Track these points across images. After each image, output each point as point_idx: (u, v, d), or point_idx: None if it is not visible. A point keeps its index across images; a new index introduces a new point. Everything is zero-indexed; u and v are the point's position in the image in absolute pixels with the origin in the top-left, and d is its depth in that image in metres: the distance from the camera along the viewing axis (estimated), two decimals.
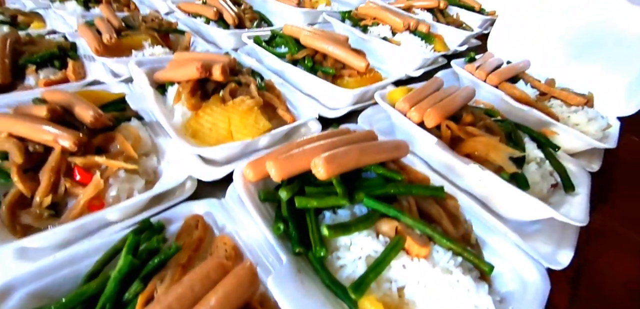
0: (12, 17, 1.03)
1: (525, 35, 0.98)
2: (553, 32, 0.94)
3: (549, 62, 0.94)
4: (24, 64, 0.74)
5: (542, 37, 0.95)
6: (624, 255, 0.70)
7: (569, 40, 0.92)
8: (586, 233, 0.69)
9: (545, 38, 0.95)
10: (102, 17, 0.87)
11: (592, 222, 0.71)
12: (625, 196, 0.85)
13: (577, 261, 0.62)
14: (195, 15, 0.99)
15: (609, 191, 0.83)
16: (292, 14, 1.07)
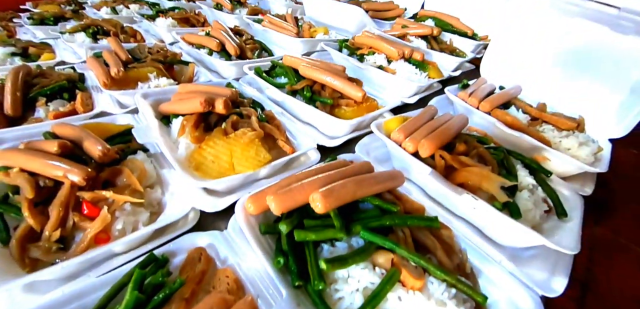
0: (23, 48, 1.07)
1: (516, 60, 1.01)
2: (543, 57, 0.97)
3: (540, 86, 0.97)
4: (34, 96, 0.78)
5: (533, 62, 0.98)
6: (630, 269, 0.71)
7: (559, 64, 0.95)
8: (589, 250, 0.71)
9: (536, 63, 0.98)
10: (110, 50, 0.90)
11: (596, 238, 0.73)
12: (627, 210, 0.87)
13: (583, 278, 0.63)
14: (198, 46, 1.02)
15: (610, 206, 0.84)
16: (291, 44, 1.11)
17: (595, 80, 0.91)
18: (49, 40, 1.21)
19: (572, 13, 0.89)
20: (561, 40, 0.95)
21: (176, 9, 1.36)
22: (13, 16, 1.58)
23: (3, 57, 1.02)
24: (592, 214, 0.80)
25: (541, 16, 0.95)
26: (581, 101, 0.92)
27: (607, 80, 0.90)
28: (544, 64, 0.98)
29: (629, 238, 0.78)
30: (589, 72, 0.92)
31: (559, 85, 0.95)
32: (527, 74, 0.99)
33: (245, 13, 1.38)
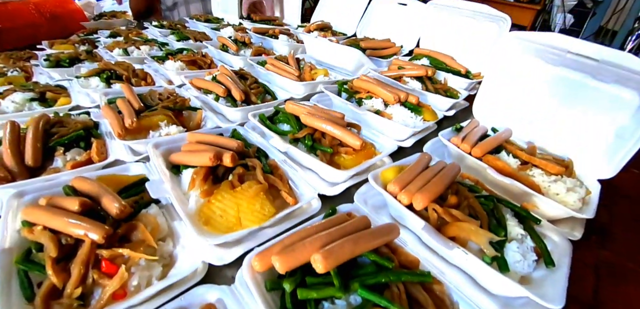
0: (41, 93, 1.13)
1: (506, 101, 1.06)
2: (531, 99, 1.02)
3: (530, 126, 1.02)
4: (53, 146, 0.83)
5: (522, 103, 1.03)
6: (637, 291, 0.74)
7: (547, 106, 1.00)
8: (595, 273, 0.74)
9: (525, 104, 1.03)
10: (124, 99, 0.96)
11: (601, 261, 0.76)
12: (631, 231, 0.90)
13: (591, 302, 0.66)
14: (206, 91, 1.08)
15: (614, 228, 0.88)
16: (293, 86, 1.16)
17: (581, 123, 0.95)
18: (64, 82, 1.28)
19: (556, 62, 0.95)
20: (548, 85, 1.00)
21: (184, 50, 1.43)
22: (29, 56, 1.66)
23: (22, 102, 1.07)
24: (595, 237, 0.84)
25: (527, 62, 1.01)
26: (570, 141, 0.96)
27: (593, 124, 0.94)
28: (533, 106, 1.02)
29: (634, 260, 0.81)
30: (576, 116, 0.96)
31: (548, 126, 1.00)
32: (517, 114, 1.04)
33: (249, 54, 1.44)
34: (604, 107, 0.92)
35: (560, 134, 0.98)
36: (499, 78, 1.08)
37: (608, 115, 0.91)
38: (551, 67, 0.96)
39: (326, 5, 2.05)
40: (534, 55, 0.98)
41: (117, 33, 1.86)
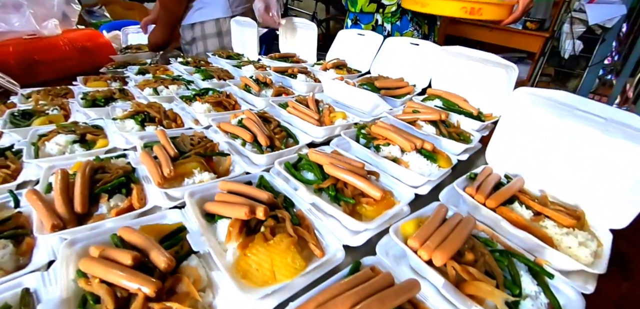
0: (81, 134, 1.23)
1: (519, 149, 1.11)
2: (544, 148, 1.06)
3: (542, 174, 1.06)
4: (98, 193, 0.91)
5: (535, 151, 1.08)
6: None
7: (559, 157, 1.04)
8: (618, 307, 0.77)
9: (538, 152, 1.07)
10: (160, 145, 1.04)
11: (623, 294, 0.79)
12: None
13: None
14: (233, 136, 1.16)
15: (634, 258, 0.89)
16: (313, 130, 1.23)
17: (593, 173, 0.99)
18: (100, 121, 1.38)
19: (564, 116, 1.00)
20: (558, 136, 1.04)
21: (210, 90, 1.52)
22: (66, 92, 1.78)
23: (65, 144, 1.17)
24: (616, 268, 0.86)
25: (537, 113, 1.06)
26: (582, 190, 1.00)
27: (604, 175, 0.97)
28: (545, 154, 1.06)
29: None
30: (587, 166, 1.00)
31: (560, 174, 1.04)
32: (529, 161, 1.08)
33: (271, 94, 1.53)
34: (615, 160, 0.96)
35: (573, 182, 1.01)
36: (511, 127, 1.13)
37: (619, 168, 0.95)
38: (561, 120, 1.01)
39: (341, 42, 2.14)
40: (544, 108, 1.03)
41: (146, 70, 1.98)
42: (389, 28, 2.39)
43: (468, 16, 1.74)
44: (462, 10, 1.71)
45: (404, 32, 2.39)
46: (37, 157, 1.11)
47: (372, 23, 2.40)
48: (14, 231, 0.84)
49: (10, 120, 1.41)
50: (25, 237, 0.83)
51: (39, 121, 1.37)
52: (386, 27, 2.39)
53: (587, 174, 1.00)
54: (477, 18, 1.75)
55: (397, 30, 2.39)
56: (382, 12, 2.35)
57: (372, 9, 2.34)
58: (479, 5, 1.70)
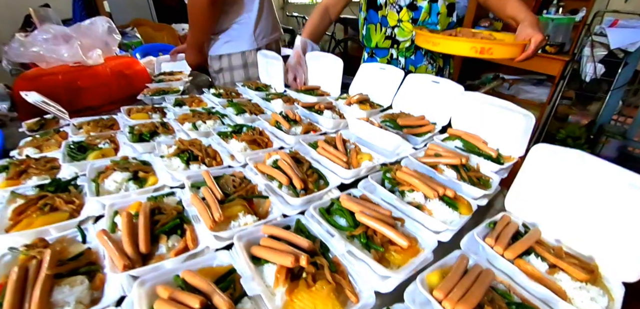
0: (134, 172, 1.37)
1: (536, 198, 1.18)
2: (560, 197, 1.13)
3: (558, 223, 1.13)
4: (158, 234, 1.04)
5: (551, 201, 1.15)
6: None
7: (575, 205, 1.10)
8: None
9: (554, 202, 1.15)
10: (207, 188, 1.17)
11: None
12: None
13: None
14: (270, 177, 1.28)
15: None
16: (342, 172, 1.34)
17: (608, 225, 1.06)
18: (146, 155, 1.53)
19: (580, 171, 1.08)
20: (574, 188, 1.11)
21: (244, 127, 1.66)
22: (112, 123, 1.96)
23: (121, 181, 1.31)
24: None
25: (554, 166, 1.14)
26: (597, 241, 1.06)
27: (619, 226, 1.04)
28: (561, 205, 1.13)
29: None
30: (602, 217, 1.06)
31: (576, 224, 1.10)
32: (546, 211, 1.15)
33: (300, 131, 1.65)
34: (629, 213, 1.02)
35: (588, 233, 1.08)
36: (529, 178, 1.20)
37: (633, 219, 1.01)
38: (576, 175, 1.08)
39: (363, 76, 2.25)
40: (560, 161, 1.11)
41: (182, 102, 2.15)
42: (404, 62, 2.50)
43: (478, 55, 1.83)
44: (472, 50, 1.80)
45: (418, 66, 2.50)
46: (98, 194, 1.25)
47: (387, 57, 2.52)
48: (87, 267, 0.97)
49: (67, 152, 1.57)
50: (96, 273, 0.97)
51: (93, 155, 1.53)
52: (400, 60, 2.50)
53: (602, 225, 1.06)
54: (487, 57, 1.84)
55: (411, 64, 2.50)
56: (396, 47, 2.46)
57: (387, 45, 2.46)
58: (489, 45, 1.79)
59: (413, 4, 2.27)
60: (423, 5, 2.26)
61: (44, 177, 1.43)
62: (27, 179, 1.42)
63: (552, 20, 4.99)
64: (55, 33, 2.67)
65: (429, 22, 2.32)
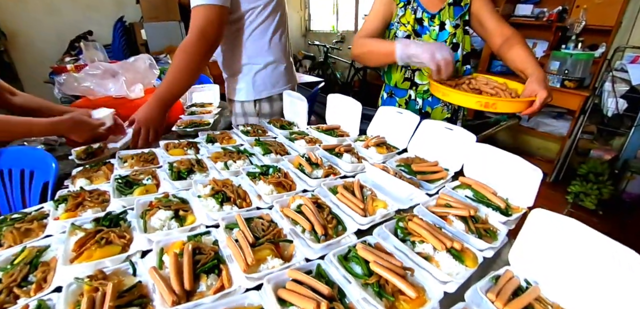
0: (175, 210, 1.56)
1: (538, 257, 1.27)
2: (562, 260, 1.22)
3: (558, 285, 1.21)
4: (199, 273, 1.20)
5: (552, 262, 1.24)
6: None
7: (576, 270, 1.19)
8: None
9: (554, 263, 1.24)
10: (240, 232, 1.34)
11: None
12: None
13: None
14: (294, 222, 1.43)
15: None
16: (358, 219, 1.48)
17: (607, 296, 1.12)
18: (184, 193, 1.72)
19: (582, 242, 1.17)
20: (576, 255, 1.19)
21: (271, 168, 1.83)
22: (152, 157, 2.18)
23: (165, 219, 1.50)
24: None
25: (558, 232, 1.23)
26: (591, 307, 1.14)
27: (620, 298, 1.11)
28: (562, 267, 1.21)
29: None
30: (601, 287, 1.12)
31: (575, 289, 1.18)
32: (548, 271, 1.24)
33: (321, 175, 1.80)
34: (629, 286, 1.09)
35: (584, 299, 1.15)
36: (531, 239, 1.30)
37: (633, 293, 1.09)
38: (578, 244, 1.17)
39: (381, 118, 2.41)
40: (557, 227, 1.21)
41: (214, 139, 2.36)
42: (421, 103, 2.64)
43: (483, 109, 1.96)
44: (477, 103, 1.94)
45: (434, 107, 2.64)
46: (146, 230, 1.44)
47: (406, 97, 2.67)
48: (140, 300, 1.15)
49: (116, 187, 1.79)
50: (147, 306, 1.14)
51: (138, 191, 1.74)
52: (418, 101, 2.65)
53: (601, 294, 1.13)
54: (492, 111, 1.96)
55: (428, 106, 2.64)
56: (415, 89, 2.61)
57: (406, 86, 2.62)
58: (493, 101, 1.91)
59: None
60: None
61: (97, 210, 1.64)
62: (83, 211, 1.64)
63: (570, 56, 5.02)
64: (104, 69, 2.97)
65: None
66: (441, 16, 2.39)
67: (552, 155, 5.80)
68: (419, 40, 2.40)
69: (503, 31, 2.35)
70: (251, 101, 2.71)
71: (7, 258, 1.38)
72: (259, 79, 2.55)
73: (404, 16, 2.38)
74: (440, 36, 2.40)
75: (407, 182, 1.71)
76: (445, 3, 2.39)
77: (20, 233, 1.53)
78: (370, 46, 2.28)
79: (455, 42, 2.41)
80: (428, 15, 2.39)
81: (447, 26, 2.39)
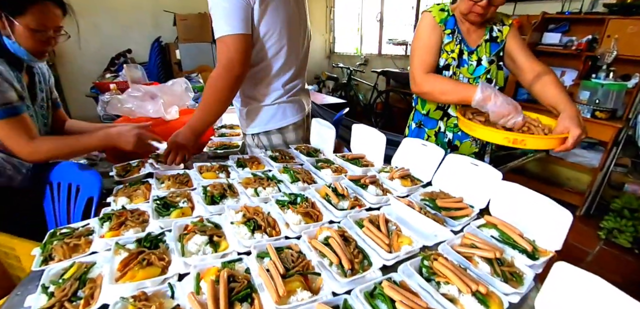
0: (210, 236, 1.66)
1: (566, 303, 1.27)
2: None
3: None
4: (233, 301, 1.28)
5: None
6: None
7: None
8: None
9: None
10: (272, 262, 1.41)
11: None
12: None
13: None
14: (322, 254, 1.49)
15: None
16: (384, 254, 1.52)
17: None
18: (216, 217, 1.82)
19: (603, 296, 1.17)
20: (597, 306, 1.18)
21: (298, 197, 1.91)
22: (187, 179, 2.31)
23: (200, 245, 1.59)
24: None
25: (580, 285, 1.23)
26: None
27: None
28: None
29: None
30: None
31: None
32: None
33: (347, 206, 1.86)
34: None
35: None
36: (554, 291, 1.30)
37: None
38: (597, 300, 1.17)
39: (405, 150, 2.45)
40: (581, 282, 1.20)
41: (244, 163, 2.48)
42: (451, 136, 2.66)
43: (512, 145, 1.96)
44: (505, 139, 1.95)
45: (463, 141, 2.65)
46: (183, 254, 1.54)
47: (435, 129, 2.70)
48: None
49: (155, 208, 1.91)
50: None
51: (175, 214, 1.86)
52: (448, 134, 2.67)
53: None
54: (521, 147, 1.96)
55: (457, 139, 2.66)
56: (445, 121, 2.65)
57: (438, 116, 2.65)
58: (521, 137, 1.92)
59: None
60: None
61: (137, 230, 1.77)
62: (126, 231, 1.77)
63: (601, 86, 4.89)
64: (144, 92, 3.19)
65: None
66: (479, 52, 2.44)
67: (583, 187, 5.58)
68: (458, 71, 2.45)
69: (534, 67, 2.36)
70: (261, 134, 2.72)
71: (58, 272, 1.51)
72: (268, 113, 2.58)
73: (449, 44, 2.40)
74: (476, 71, 2.44)
75: (431, 219, 1.74)
76: (483, 39, 2.44)
77: (69, 247, 1.67)
78: (445, 86, 2.19)
79: (489, 77, 2.45)
80: (468, 50, 2.44)
81: (484, 61, 2.44)
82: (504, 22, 2.48)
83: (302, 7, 2.52)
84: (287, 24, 2.24)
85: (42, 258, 1.60)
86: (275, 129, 2.70)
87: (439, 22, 2.27)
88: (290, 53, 2.37)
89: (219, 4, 2.05)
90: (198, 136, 2.34)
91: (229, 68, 2.15)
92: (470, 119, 2.19)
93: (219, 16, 1.98)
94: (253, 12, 2.13)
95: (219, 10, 2.05)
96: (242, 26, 1.99)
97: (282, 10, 2.16)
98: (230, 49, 2.09)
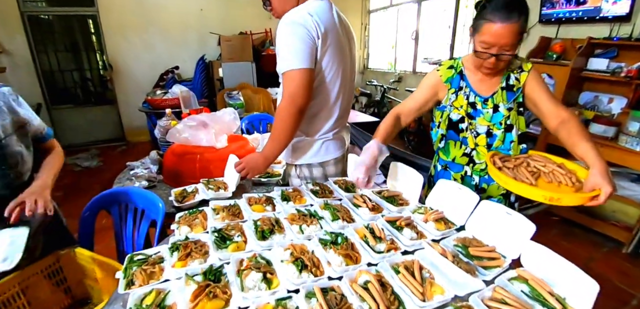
0: (264, 273, 1.90)
1: None
2: None
3: None
4: None
5: None
6: None
7: None
8: None
9: None
10: (319, 304, 1.62)
11: None
12: None
13: None
14: (362, 298, 1.68)
15: None
16: (417, 302, 1.68)
17: None
18: (266, 252, 2.07)
19: None
20: None
21: (339, 236, 2.11)
22: (238, 210, 2.59)
23: (256, 281, 1.84)
24: None
25: None
26: None
27: None
28: None
29: None
30: None
31: None
32: None
33: (384, 249, 2.04)
34: None
35: None
36: None
37: None
38: None
39: (440, 190, 2.58)
40: None
41: (288, 196, 2.72)
42: (477, 180, 2.75)
43: (548, 202, 2.04)
44: (543, 198, 2.03)
45: (490, 184, 2.72)
46: (242, 289, 1.79)
47: (462, 173, 2.79)
48: None
49: (214, 240, 2.19)
50: None
51: (232, 248, 2.13)
52: (475, 178, 2.76)
53: None
54: (556, 204, 2.04)
55: (484, 182, 2.74)
56: (471, 166, 2.73)
57: (464, 162, 2.75)
58: (558, 196, 1.99)
59: (489, 132, 2.56)
60: (498, 134, 2.54)
61: (201, 261, 2.05)
62: (191, 261, 2.05)
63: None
64: (198, 122, 3.55)
65: (502, 148, 2.57)
66: (495, 99, 2.49)
67: (631, 222, 5.28)
68: (474, 122, 2.55)
69: (559, 113, 2.35)
70: (304, 166, 2.90)
71: (139, 296, 1.81)
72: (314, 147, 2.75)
73: (457, 100, 2.53)
74: (494, 118, 2.51)
75: (463, 270, 1.87)
76: (498, 87, 2.47)
77: (147, 274, 1.97)
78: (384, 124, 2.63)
79: (509, 123, 2.50)
80: (481, 99, 2.52)
81: (501, 109, 2.48)
82: (523, 68, 2.45)
83: (353, 50, 2.70)
84: (341, 64, 2.38)
85: (125, 282, 1.92)
86: (317, 163, 2.90)
87: (445, 82, 2.44)
88: (342, 92, 2.50)
89: (290, 43, 2.21)
90: (269, 163, 2.65)
91: (292, 100, 2.30)
92: (500, 169, 2.28)
93: (287, 52, 2.13)
94: (317, 52, 2.30)
95: (289, 47, 2.21)
96: (307, 62, 2.15)
97: (339, 52, 2.38)
98: (295, 82, 2.14)
